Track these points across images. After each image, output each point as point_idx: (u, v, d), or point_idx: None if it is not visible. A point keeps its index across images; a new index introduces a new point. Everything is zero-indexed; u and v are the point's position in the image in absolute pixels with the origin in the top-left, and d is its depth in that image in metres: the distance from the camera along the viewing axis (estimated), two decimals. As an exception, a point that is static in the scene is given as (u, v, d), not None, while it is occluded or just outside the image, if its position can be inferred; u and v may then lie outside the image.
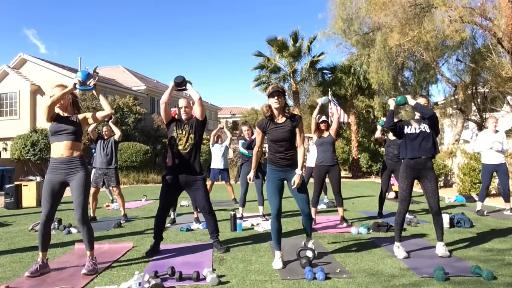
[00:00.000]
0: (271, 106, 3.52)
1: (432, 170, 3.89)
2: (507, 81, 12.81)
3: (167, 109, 4.21)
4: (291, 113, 3.58)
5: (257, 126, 3.65)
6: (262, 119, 3.65)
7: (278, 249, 3.54)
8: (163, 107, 4.14)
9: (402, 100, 3.95)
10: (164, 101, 4.11)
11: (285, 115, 3.54)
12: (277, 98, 3.46)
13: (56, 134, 3.47)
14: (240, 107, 41.84)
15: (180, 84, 4.13)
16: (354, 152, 18.61)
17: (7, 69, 19.58)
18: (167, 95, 4.12)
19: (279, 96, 3.46)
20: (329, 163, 5.49)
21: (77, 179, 3.43)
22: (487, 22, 11.54)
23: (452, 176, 11.94)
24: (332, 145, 5.54)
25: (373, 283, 3.00)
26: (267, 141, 3.67)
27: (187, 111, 4.22)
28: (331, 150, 5.51)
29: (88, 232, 3.48)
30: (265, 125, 3.60)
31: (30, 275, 3.25)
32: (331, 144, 5.51)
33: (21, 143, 16.08)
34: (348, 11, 16.25)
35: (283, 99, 3.50)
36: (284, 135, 3.52)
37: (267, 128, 3.59)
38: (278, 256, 3.49)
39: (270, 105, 3.53)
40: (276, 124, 3.56)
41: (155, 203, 8.61)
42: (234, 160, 17.35)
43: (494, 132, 6.35)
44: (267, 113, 3.55)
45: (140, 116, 19.56)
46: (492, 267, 3.32)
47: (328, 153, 5.48)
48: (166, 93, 4.13)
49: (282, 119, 3.55)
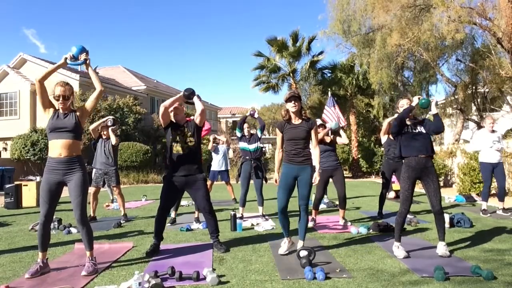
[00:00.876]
0: (289, 110, 3.85)
1: (433, 169, 3.89)
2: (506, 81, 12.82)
3: (167, 113, 4.15)
4: (307, 116, 3.90)
5: (277, 127, 3.95)
6: (281, 121, 3.95)
7: (286, 235, 3.89)
8: (162, 110, 4.09)
9: (425, 104, 3.83)
10: (166, 106, 4.08)
11: (302, 117, 3.87)
12: (294, 103, 3.79)
13: (54, 131, 3.40)
14: (240, 107, 41.84)
15: (189, 97, 4.15)
16: (354, 152, 18.61)
17: (7, 69, 19.58)
18: (170, 102, 4.10)
19: (296, 101, 3.80)
20: (333, 166, 5.53)
21: (75, 179, 3.39)
22: (487, 22, 11.54)
23: (452, 176, 11.94)
24: (334, 150, 5.71)
25: (373, 283, 3.01)
26: (285, 141, 3.92)
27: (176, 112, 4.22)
28: (334, 154, 5.67)
29: (87, 232, 3.47)
30: (283, 126, 3.89)
31: (31, 276, 3.25)
32: (333, 150, 5.69)
33: (21, 143, 16.09)
34: (347, 13, 16.25)
35: (299, 103, 3.83)
36: (300, 134, 3.81)
37: (284, 128, 3.88)
38: (283, 242, 3.79)
39: (288, 109, 3.85)
40: (293, 125, 3.86)
41: (155, 203, 8.61)
42: (234, 160, 17.36)
43: (490, 132, 6.38)
44: (285, 117, 3.88)
45: (140, 116, 19.56)
46: (492, 267, 3.32)
47: (332, 157, 5.61)
48: (171, 100, 4.12)
49: (299, 121, 3.86)
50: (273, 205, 7.39)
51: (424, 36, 12.34)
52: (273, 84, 19.39)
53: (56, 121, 3.42)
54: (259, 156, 6.18)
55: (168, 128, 4.20)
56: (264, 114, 40.37)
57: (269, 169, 18.39)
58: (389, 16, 13.02)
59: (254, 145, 6.09)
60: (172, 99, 4.15)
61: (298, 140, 3.81)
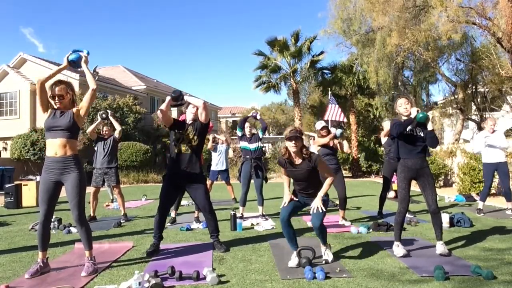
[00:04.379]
0: (288, 149, 3.58)
1: (428, 169, 3.94)
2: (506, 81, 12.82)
3: (166, 116, 4.17)
4: (308, 153, 3.60)
5: (278, 164, 3.78)
6: (281, 158, 3.71)
7: (293, 248, 3.60)
8: (161, 116, 4.15)
9: (423, 118, 3.79)
10: (163, 110, 4.11)
11: (302, 156, 3.59)
12: (294, 143, 3.51)
13: (50, 130, 3.38)
14: (240, 107, 41.83)
15: (177, 99, 4.08)
16: (354, 152, 18.60)
17: (7, 69, 19.57)
18: (164, 107, 4.11)
19: (297, 140, 3.51)
20: (333, 170, 5.55)
21: (71, 180, 3.37)
22: (486, 22, 11.54)
23: (452, 176, 11.94)
24: (335, 154, 5.80)
25: (373, 283, 3.01)
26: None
27: (196, 112, 4.22)
28: (335, 158, 5.77)
29: (86, 232, 3.47)
30: (284, 164, 3.70)
31: (31, 276, 3.24)
32: (335, 154, 5.78)
33: (21, 142, 16.08)
34: (348, 11, 16.27)
35: (300, 142, 3.55)
36: (301, 176, 3.62)
37: (285, 168, 3.71)
38: (293, 255, 3.51)
39: (287, 147, 3.59)
40: (294, 165, 3.64)
41: (155, 202, 8.61)
42: (234, 159, 17.36)
43: (491, 133, 6.36)
44: (285, 155, 3.63)
45: (140, 116, 19.55)
46: (492, 266, 3.32)
47: (333, 161, 5.69)
48: (164, 105, 4.13)
49: (299, 160, 3.61)
50: (273, 205, 7.40)
51: (422, 36, 12.34)
52: (273, 84, 19.40)
53: (52, 120, 3.40)
54: (259, 156, 6.18)
55: (172, 127, 4.21)
56: (264, 114, 40.32)
57: (269, 169, 18.39)
58: (388, 17, 13.03)
59: (255, 144, 6.10)
60: (165, 103, 4.14)
61: (300, 181, 3.67)
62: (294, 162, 3.63)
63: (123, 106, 18.70)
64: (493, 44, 12.56)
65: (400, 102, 4.09)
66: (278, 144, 24.75)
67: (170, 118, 4.22)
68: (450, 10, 11.09)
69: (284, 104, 41.24)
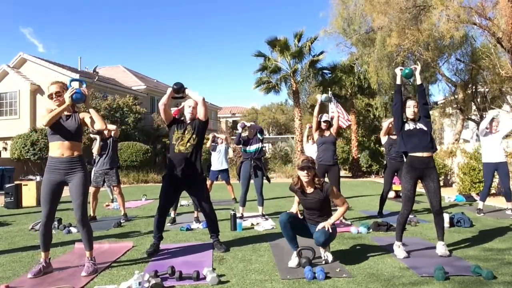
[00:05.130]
0: (300, 178, 3.60)
1: (434, 169, 3.87)
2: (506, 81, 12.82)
3: (167, 111, 4.22)
4: (320, 183, 3.62)
5: (290, 190, 3.80)
6: (293, 185, 3.72)
7: (293, 248, 3.60)
8: (162, 109, 4.18)
9: (409, 74, 3.77)
10: (163, 103, 4.15)
11: (315, 186, 3.61)
12: (306, 172, 3.53)
13: (56, 133, 3.42)
14: (240, 107, 41.86)
15: (178, 91, 4.13)
16: (354, 152, 18.60)
17: (7, 69, 19.59)
18: (165, 99, 4.15)
19: (309, 170, 3.53)
20: (329, 162, 5.51)
21: (76, 179, 3.41)
22: (486, 22, 11.54)
23: (452, 176, 11.94)
24: (333, 144, 5.61)
25: (373, 283, 3.00)
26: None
27: (193, 112, 4.24)
28: (332, 149, 5.57)
29: (87, 233, 3.47)
30: (295, 192, 3.74)
31: (33, 276, 3.25)
32: (332, 144, 5.59)
33: (21, 142, 16.09)
34: (349, 10, 16.29)
35: (312, 172, 3.57)
36: (312, 205, 3.65)
37: (297, 195, 3.75)
38: (294, 255, 3.51)
39: (299, 177, 3.62)
40: (305, 195, 3.66)
41: (155, 202, 8.60)
42: (234, 159, 17.36)
43: (494, 133, 6.36)
44: (297, 185, 3.66)
45: (140, 116, 19.56)
46: (492, 267, 3.32)
47: (329, 152, 5.54)
48: (165, 97, 4.16)
49: (311, 190, 3.64)
50: (273, 205, 7.39)
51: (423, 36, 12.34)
52: (274, 85, 19.39)
53: (58, 122, 3.42)
54: (259, 156, 6.17)
55: (171, 126, 4.22)
56: (264, 114, 40.35)
57: (269, 169, 18.39)
58: (387, 18, 13.04)
59: (254, 146, 6.09)
60: (165, 96, 4.18)
61: (311, 210, 3.68)
62: (305, 191, 3.66)
63: (123, 106, 18.71)
64: (493, 44, 12.56)
65: (409, 103, 4.00)
66: (278, 144, 24.78)
67: (170, 114, 4.25)
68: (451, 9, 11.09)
69: (284, 104, 41.26)
